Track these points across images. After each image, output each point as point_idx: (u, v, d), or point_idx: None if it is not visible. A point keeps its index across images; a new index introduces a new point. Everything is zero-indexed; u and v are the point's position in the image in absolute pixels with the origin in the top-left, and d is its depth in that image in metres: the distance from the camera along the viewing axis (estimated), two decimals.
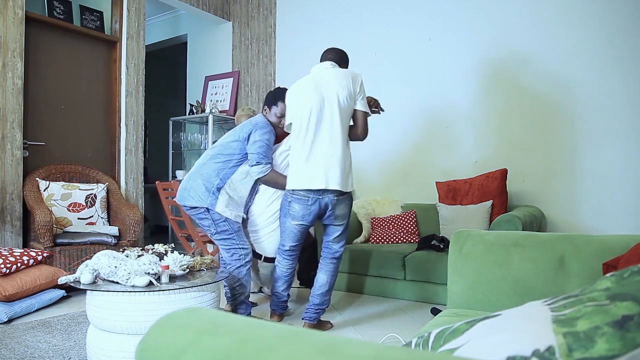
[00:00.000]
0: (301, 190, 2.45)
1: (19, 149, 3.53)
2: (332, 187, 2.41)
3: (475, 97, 3.87)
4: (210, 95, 5.57)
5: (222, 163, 2.62)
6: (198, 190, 2.56)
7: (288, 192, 2.52)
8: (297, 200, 2.48)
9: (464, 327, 0.69)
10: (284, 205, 2.57)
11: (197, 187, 2.57)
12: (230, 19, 5.51)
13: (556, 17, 3.53)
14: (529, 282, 1.51)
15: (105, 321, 1.86)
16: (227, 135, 2.76)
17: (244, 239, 2.62)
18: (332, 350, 0.47)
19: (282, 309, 2.75)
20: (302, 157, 2.46)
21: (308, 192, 2.44)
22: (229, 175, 2.60)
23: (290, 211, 2.52)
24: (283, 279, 2.67)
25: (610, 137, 3.34)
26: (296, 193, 2.48)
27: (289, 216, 2.53)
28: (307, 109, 2.44)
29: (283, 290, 2.69)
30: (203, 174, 2.61)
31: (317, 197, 2.45)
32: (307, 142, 2.44)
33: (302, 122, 2.45)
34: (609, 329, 0.49)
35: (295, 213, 2.50)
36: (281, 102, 2.70)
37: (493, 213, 3.33)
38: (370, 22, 4.44)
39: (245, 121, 2.79)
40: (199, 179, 2.59)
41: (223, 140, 2.75)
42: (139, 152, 4.47)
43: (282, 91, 2.72)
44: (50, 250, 3.20)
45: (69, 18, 4.08)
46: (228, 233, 2.57)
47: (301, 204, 2.47)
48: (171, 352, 0.55)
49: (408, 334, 2.48)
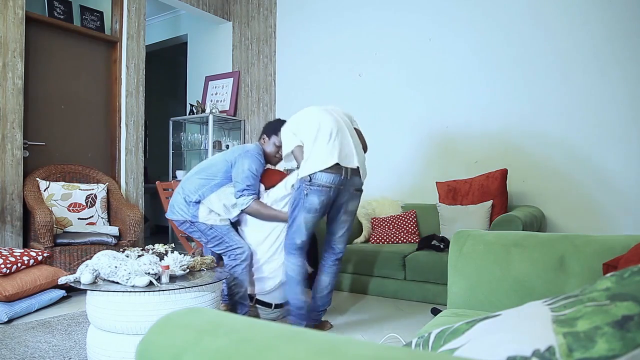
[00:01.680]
0: (325, 174, 2.30)
1: (19, 149, 3.53)
2: (360, 169, 2.43)
3: (476, 96, 3.87)
4: (211, 95, 5.57)
5: (204, 180, 2.60)
6: (180, 204, 2.60)
7: (304, 183, 2.35)
8: (315, 191, 2.33)
9: (464, 327, 0.69)
10: (298, 199, 2.40)
11: (179, 202, 2.61)
12: (230, 19, 5.51)
13: (556, 17, 3.53)
14: (529, 282, 1.50)
15: (105, 321, 1.86)
16: (221, 153, 2.75)
17: (235, 238, 2.58)
18: (332, 350, 0.47)
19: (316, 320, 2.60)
20: (326, 142, 2.35)
21: (332, 177, 2.32)
22: (207, 193, 2.57)
23: (306, 204, 2.37)
24: (296, 280, 2.46)
25: (610, 137, 3.34)
26: (317, 181, 2.32)
27: (304, 210, 2.39)
28: (328, 120, 2.43)
29: (303, 295, 2.47)
30: (185, 188, 2.62)
31: (340, 185, 2.36)
32: (332, 137, 2.39)
33: (323, 130, 2.38)
34: (609, 329, 0.49)
35: (312, 205, 2.37)
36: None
37: (493, 213, 3.33)
38: (371, 22, 4.44)
39: (238, 145, 2.76)
40: (182, 194, 2.62)
41: (213, 157, 2.74)
42: (139, 152, 4.47)
43: (283, 123, 2.66)
44: (50, 250, 3.20)
45: (69, 18, 4.09)
46: (218, 239, 2.57)
47: (320, 194, 2.34)
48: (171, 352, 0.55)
49: (408, 334, 2.48)
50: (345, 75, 4.60)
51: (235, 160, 2.59)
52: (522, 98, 3.67)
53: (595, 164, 3.39)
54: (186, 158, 5.67)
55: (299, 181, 2.40)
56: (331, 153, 2.34)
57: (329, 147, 2.35)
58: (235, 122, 5.43)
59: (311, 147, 2.37)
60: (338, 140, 2.37)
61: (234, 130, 5.56)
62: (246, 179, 2.54)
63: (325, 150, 2.34)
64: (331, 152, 2.34)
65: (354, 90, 4.54)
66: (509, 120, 3.73)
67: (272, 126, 2.74)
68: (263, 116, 5.22)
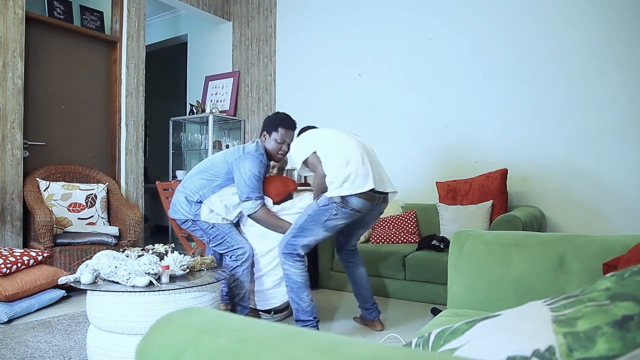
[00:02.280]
0: (360, 199, 2.25)
1: (19, 149, 3.53)
2: (390, 195, 2.45)
3: (475, 96, 3.87)
4: (211, 95, 5.57)
5: (205, 181, 2.55)
6: (182, 203, 2.58)
7: (335, 204, 2.26)
8: (345, 214, 2.27)
9: (464, 327, 0.69)
10: (321, 215, 2.30)
11: (181, 200, 2.59)
12: (230, 19, 5.51)
13: (556, 17, 3.53)
14: (529, 282, 1.50)
15: (105, 321, 1.86)
16: (222, 153, 2.67)
17: (237, 238, 2.55)
18: (332, 350, 0.47)
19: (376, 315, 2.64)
20: (361, 164, 2.27)
21: (366, 203, 2.27)
22: (208, 194, 2.53)
23: (329, 223, 2.30)
24: (304, 285, 2.38)
25: (610, 137, 3.34)
26: (350, 204, 2.25)
27: (324, 228, 2.32)
28: (355, 143, 2.38)
29: (310, 298, 2.41)
30: (186, 187, 2.59)
31: (369, 210, 2.34)
32: (364, 160, 2.32)
33: (354, 152, 2.32)
34: (609, 329, 0.49)
35: (335, 226, 2.33)
36: (282, 129, 2.58)
37: (493, 213, 3.33)
38: (371, 22, 4.44)
39: (238, 145, 2.67)
40: (183, 193, 2.59)
41: (214, 157, 2.68)
42: (139, 152, 4.47)
43: (283, 117, 2.61)
44: (50, 250, 3.20)
45: (69, 18, 4.09)
46: (220, 238, 2.54)
47: (347, 218, 2.30)
48: (171, 352, 0.55)
49: (408, 334, 2.48)
50: (345, 75, 4.60)
51: (235, 163, 2.52)
52: (522, 98, 3.67)
53: (595, 164, 3.39)
54: (186, 158, 5.67)
55: (327, 199, 2.28)
56: (366, 177, 2.27)
57: (364, 170, 2.27)
58: (235, 122, 5.43)
59: (343, 168, 2.26)
60: (369, 164, 2.31)
61: (234, 130, 5.56)
62: (249, 180, 2.46)
63: (361, 173, 2.26)
64: (366, 176, 2.27)
65: (354, 90, 4.54)
66: (509, 120, 3.73)
67: (272, 122, 2.62)
68: (263, 116, 5.22)
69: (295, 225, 2.41)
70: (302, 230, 2.36)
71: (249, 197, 2.46)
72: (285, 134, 2.59)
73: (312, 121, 4.78)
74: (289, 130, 2.61)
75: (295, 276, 2.37)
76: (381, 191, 2.35)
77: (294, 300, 2.40)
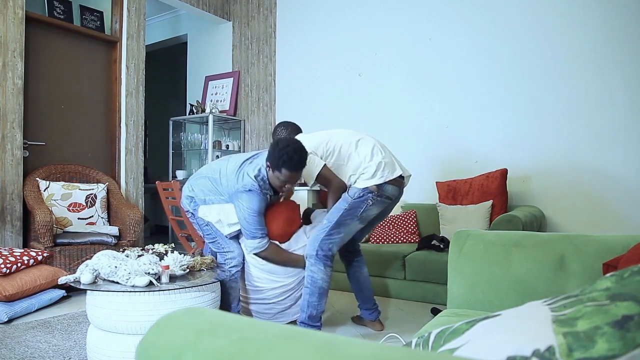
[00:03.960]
0: (392, 186, 2.32)
1: (19, 149, 3.53)
2: (406, 179, 2.50)
3: (475, 96, 3.87)
4: (211, 95, 5.57)
5: (212, 191, 2.41)
6: (186, 197, 2.52)
7: (371, 194, 2.29)
8: (379, 203, 2.31)
9: (464, 327, 0.69)
10: (357, 208, 2.30)
11: (185, 194, 2.53)
12: (230, 19, 5.51)
13: (557, 17, 3.53)
14: (529, 282, 1.50)
15: (105, 321, 1.86)
16: (228, 169, 2.38)
17: (228, 241, 2.46)
18: (332, 350, 0.47)
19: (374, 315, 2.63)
20: (382, 153, 2.37)
21: (397, 190, 2.36)
22: (211, 202, 2.43)
23: (364, 214, 2.31)
24: (325, 291, 2.35)
25: (610, 137, 3.34)
26: (384, 192, 2.29)
27: (359, 220, 2.33)
28: (366, 135, 2.49)
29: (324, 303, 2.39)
30: (194, 187, 2.48)
31: (398, 197, 2.44)
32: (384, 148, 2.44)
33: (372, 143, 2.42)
34: (609, 329, 0.49)
35: (370, 216, 2.36)
36: (286, 171, 2.18)
37: (493, 213, 3.33)
38: (371, 22, 4.44)
39: (238, 170, 2.33)
40: (192, 190, 2.49)
41: (224, 169, 2.40)
42: (139, 152, 4.47)
43: (287, 158, 2.16)
44: (50, 250, 3.20)
45: (69, 18, 4.08)
46: (212, 236, 2.47)
47: (381, 206, 2.35)
48: (171, 352, 0.55)
49: (408, 334, 2.48)
50: (345, 75, 4.60)
51: (234, 195, 2.31)
52: (522, 98, 3.67)
53: (595, 164, 3.39)
54: (186, 158, 5.67)
55: (361, 190, 2.30)
56: (393, 164, 2.35)
57: (389, 158, 2.36)
58: (235, 122, 5.43)
59: (371, 159, 2.31)
60: (387, 151, 2.41)
61: (234, 130, 5.56)
62: (250, 219, 2.27)
63: (388, 161, 2.34)
64: (393, 163, 2.35)
65: (354, 90, 4.54)
66: (509, 120, 3.73)
67: (276, 158, 2.19)
68: (263, 116, 5.22)
69: (328, 223, 2.34)
70: (338, 226, 2.32)
71: (253, 236, 2.29)
72: (290, 176, 2.22)
73: (312, 121, 4.80)
74: (293, 172, 2.21)
75: (322, 282, 2.32)
76: (403, 175, 2.43)
77: (312, 305, 2.31)
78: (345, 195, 2.37)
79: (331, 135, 2.48)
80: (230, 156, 2.55)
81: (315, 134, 2.54)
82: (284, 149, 2.16)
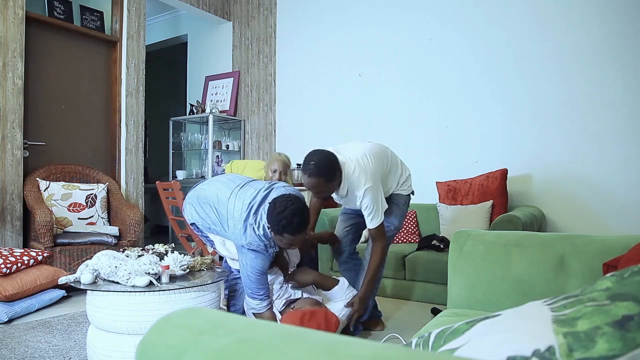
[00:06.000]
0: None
1: (19, 149, 3.53)
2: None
3: (476, 96, 3.87)
4: (211, 95, 5.57)
5: (219, 227, 2.28)
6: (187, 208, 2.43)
7: (410, 198, 2.67)
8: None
9: (464, 327, 0.69)
10: (405, 211, 2.63)
11: (186, 209, 2.43)
12: (230, 19, 5.51)
13: (557, 17, 3.53)
14: (529, 282, 1.50)
15: (105, 321, 1.86)
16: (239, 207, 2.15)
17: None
18: (332, 350, 0.47)
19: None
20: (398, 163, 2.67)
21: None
22: (219, 233, 2.32)
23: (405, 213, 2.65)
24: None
25: (610, 137, 3.34)
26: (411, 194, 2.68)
27: (403, 219, 2.65)
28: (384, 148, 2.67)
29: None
30: (200, 211, 2.32)
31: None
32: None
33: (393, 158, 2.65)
34: (609, 329, 0.49)
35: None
36: (287, 235, 2.01)
37: (493, 213, 3.33)
38: (371, 22, 4.44)
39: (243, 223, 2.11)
40: (197, 213, 2.35)
41: (234, 207, 2.17)
42: (139, 152, 4.47)
43: (286, 223, 1.98)
44: (50, 250, 3.20)
45: (69, 18, 4.08)
46: (212, 243, 2.47)
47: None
48: (171, 352, 0.55)
49: (408, 334, 2.48)
50: (345, 75, 4.60)
51: (239, 249, 2.20)
52: (522, 98, 3.67)
53: (595, 164, 3.39)
54: (186, 158, 5.67)
55: (405, 197, 2.63)
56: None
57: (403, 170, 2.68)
58: (235, 122, 5.43)
59: (404, 172, 2.66)
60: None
61: (234, 130, 5.56)
62: (253, 277, 2.16)
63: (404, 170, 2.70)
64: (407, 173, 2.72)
65: (354, 90, 4.54)
66: (509, 120, 3.73)
67: (275, 223, 2.01)
68: (263, 116, 5.22)
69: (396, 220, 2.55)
70: (395, 226, 2.54)
71: (254, 296, 2.21)
72: (293, 239, 2.06)
73: (312, 121, 4.80)
74: (295, 234, 2.03)
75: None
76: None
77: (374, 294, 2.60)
78: (397, 201, 2.58)
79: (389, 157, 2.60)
80: (234, 185, 2.28)
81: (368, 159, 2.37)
82: (281, 213, 1.97)
